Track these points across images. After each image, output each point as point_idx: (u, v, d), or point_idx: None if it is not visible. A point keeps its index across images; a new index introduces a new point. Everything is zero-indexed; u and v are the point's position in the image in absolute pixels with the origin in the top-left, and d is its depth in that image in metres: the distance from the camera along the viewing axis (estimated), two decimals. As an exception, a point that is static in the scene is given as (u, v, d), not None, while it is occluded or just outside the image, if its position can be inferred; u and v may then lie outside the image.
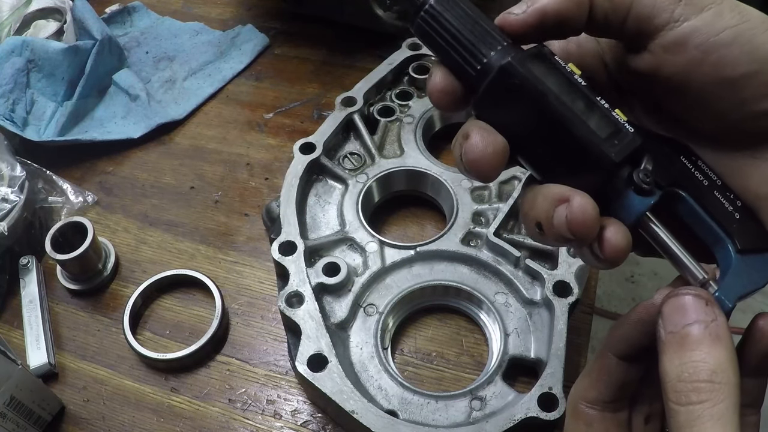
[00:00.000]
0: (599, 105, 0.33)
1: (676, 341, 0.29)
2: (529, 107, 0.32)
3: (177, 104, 0.96)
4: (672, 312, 0.30)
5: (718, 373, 0.28)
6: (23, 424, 0.59)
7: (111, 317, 0.72)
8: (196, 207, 0.83)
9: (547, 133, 0.33)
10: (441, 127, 0.84)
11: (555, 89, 0.32)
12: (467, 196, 0.72)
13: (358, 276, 0.66)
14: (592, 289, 0.71)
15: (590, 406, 0.35)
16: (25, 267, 0.74)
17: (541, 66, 0.33)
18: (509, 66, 0.32)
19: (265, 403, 0.64)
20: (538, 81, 0.32)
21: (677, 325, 0.30)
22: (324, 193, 0.75)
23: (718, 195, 0.35)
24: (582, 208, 0.30)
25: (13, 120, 0.85)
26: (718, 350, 0.28)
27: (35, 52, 0.88)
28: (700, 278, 0.33)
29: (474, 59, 0.33)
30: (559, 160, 0.33)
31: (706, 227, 0.34)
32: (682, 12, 0.31)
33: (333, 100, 0.81)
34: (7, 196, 0.74)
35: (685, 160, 0.35)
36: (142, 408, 0.64)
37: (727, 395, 0.27)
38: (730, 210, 0.34)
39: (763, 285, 0.33)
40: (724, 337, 0.29)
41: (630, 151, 0.32)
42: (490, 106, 0.34)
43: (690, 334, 0.29)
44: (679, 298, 0.30)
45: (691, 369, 0.28)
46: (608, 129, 0.32)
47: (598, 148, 0.32)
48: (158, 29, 1.10)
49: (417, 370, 0.65)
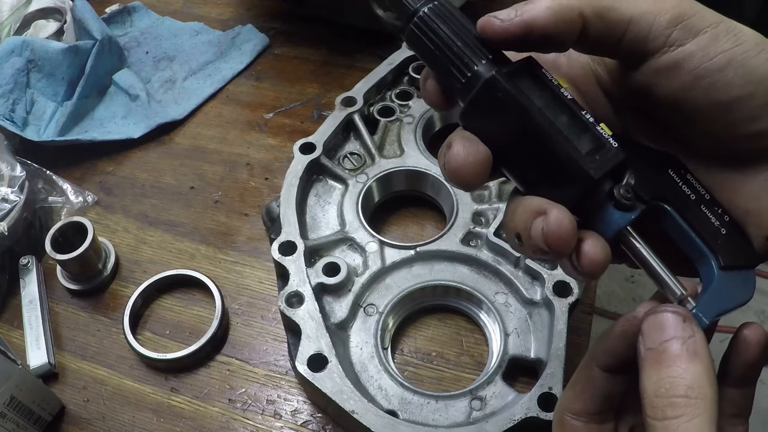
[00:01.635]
0: (583, 119, 0.33)
1: (654, 357, 0.30)
2: (512, 121, 0.33)
3: (177, 104, 0.96)
4: (651, 329, 0.30)
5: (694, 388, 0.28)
6: (23, 424, 0.59)
7: (111, 317, 0.72)
8: (196, 207, 0.83)
9: (528, 146, 0.33)
10: (441, 127, 0.84)
11: (538, 104, 0.32)
12: (467, 196, 0.72)
13: (358, 276, 0.66)
14: (592, 289, 0.71)
15: (576, 418, 0.36)
16: (25, 267, 0.74)
17: (526, 80, 0.33)
18: (493, 80, 0.32)
19: (265, 403, 0.64)
20: (521, 96, 0.32)
21: (655, 341, 0.30)
22: (324, 193, 0.75)
23: (705, 210, 0.35)
24: (558, 222, 0.31)
25: (13, 120, 0.85)
26: (695, 366, 0.29)
27: (35, 52, 0.88)
28: (678, 294, 0.33)
29: (461, 70, 0.33)
30: (540, 174, 0.33)
31: (690, 242, 0.34)
32: (677, 37, 0.31)
33: (333, 100, 0.81)
34: (7, 196, 0.74)
35: (674, 174, 0.35)
36: (142, 408, 0.64)
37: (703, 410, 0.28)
38: (716, 225, 0.34)
39: (744, 302, 0.33)
40: (701, 353, 0.29)
41: (611, 166, 0.32)
42: (475, 117, 0.34)
43: (667, 351, 0.29)
44: (658, 315, 0.31)
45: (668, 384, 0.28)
46: (591, 144, 0.33)
47: (577, 164, 0.32)
48: (158, 29, 1.10)
49: (417, 370, 0.65)
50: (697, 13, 0.32)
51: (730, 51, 0.31)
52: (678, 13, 0.31)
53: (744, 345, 0.33)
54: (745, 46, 0.31)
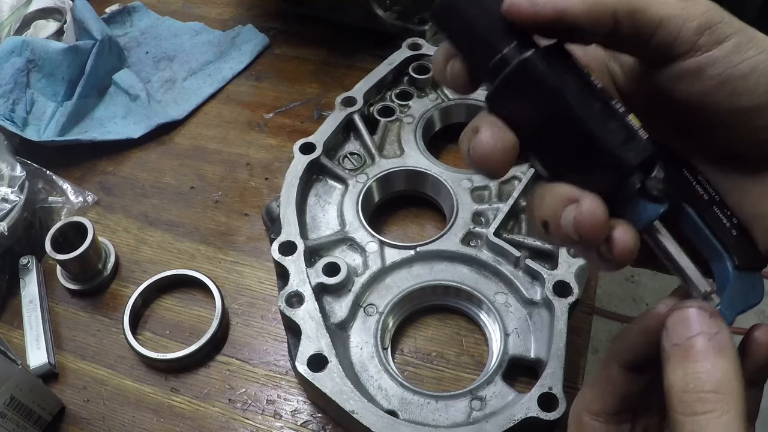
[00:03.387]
0: (615, 109, 0.32)
1: (681, 353, 0.29)
2: (546, 105, 0.32)
3: (177, 104, 0.96)
4: (676, 324, 0.30)
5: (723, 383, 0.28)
6: (23, 424, 0.59)
7: (111, 317, 0.72)
8: (196, 207, 0.83)
9: (562, 132, 0.32)
10: (441, 127, 0.84)
11: (574, 89, 0.31)
12: (467, 196, 0.72)
13: (358, 276, 0.66)
14: (592, 289, 0.71)
15: (594, 418, 0.36)
16: (25, 267, 0.74)
17: (561, 64, 0.32)
18: (529, 61, 0.31)
19: (265, 403, 0.64)
20: (558, 79, 0.31)
21: (681, 337, 0.30)
22: (324, 193, 0.75)
23: (717, 210, 0.35)
24: (591, 211, 0.30)
25: (13, 120, 0.85)
26: (723, 361, 0.29)
27: (35, 52, 0.88)
28: (703, 291, 0.33)
29: (490, 50, 0.32)
30: (573, 160, 0.32)
31: (707, 242, 0.34)
32: (703, 42, 0.31)
33: (333, 100, 0.80)
34: (7, 196, 0.74)
35: (688, 173, 0.35)
36: (142, 408, 0.64)
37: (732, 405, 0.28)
38: (728, 226, 0.34)
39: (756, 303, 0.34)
40: (728, 348, 0.29)
41: (644, 157, 0.32)
42: (503, 100, 0.33)
43: (694, 346, 0.29)
44: (683, 311, 0.30)
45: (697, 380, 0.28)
46: (623, 133, 0.32)
47: (614, 151, 0.31)
48: (158, 29, 1.10)
49: (417, 370, 0.65)
50: (724, 20, 0.32)
51: (753, 59, 0.31)
52: (706, 19, 0.31)
53: (756, 347, 0.33)
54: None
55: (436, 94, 0.85)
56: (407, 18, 0.98)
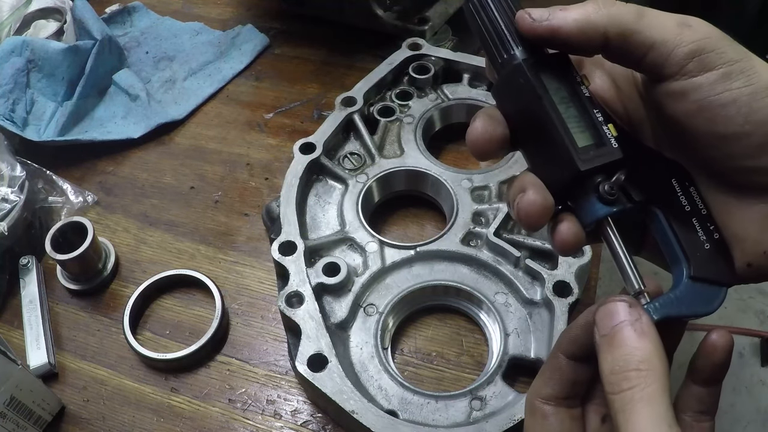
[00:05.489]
0: (592, 116, 0.36)
1: (608, 342, 0.33)
2: (527, 105, 0.36)
3: (177, 104, 0.96)
4: (602, 318, 0.34)
5: (644, 362, 0.31)
6: (23, 424, 0.59)
7: (111, 317, 0.72)
8: (196, 207, 0.83)
9: (536, 131, 0.37)
10: (441, 127, 0.84)
11: (552, 95, 0.36)
12: (467, 196, 0.72)
13: (358, 276, 0.66)
14: (592, 289, 0.71)
15: (545, 402, 0.38)
16: (25, 267, 0.74)
17: (549, 72, 0.36)
18: (519, 66, 0.37)
19: (265, 403, 0.64)
20: (539, 85, 0.36)
21: (608, 327, 0.33)
22: (324, 193, 0.75)
23: (696, 222, 0.37)
24: (531, 201, 0.35)
25: (13, 120, 0.85)
26: (644, 343, 0.32)
27: (35, 52, 0.88)
28: (636, 288, 0.36)
29: (500, 51, 0.38)
30: (542, 156, 0.37)
31: (669, 246, 0.37)
32: (691, 68, 0.33)
33: (333, 100, 0.81)
34: (7, 196, 0.74)
35: (676, 183, 0.37)
36: (142, 408, 0.64)
37: (654, 380, 0.30)
38: (702, 239, 0.37)
39: (703, 314, 0.36)
40: (648, 332, 0.32)
41: (602, 163, 0.35)
42: (501, 94, 0.39)
43: (618, 333, 0.32)
44: (608, 305, 0.34)
45: (622, 362, 0.32)
46: (592, 140, 0.35)
47: (569, 155, 0.35)
48: (158, 29, 1.10)
49: (417, 370, 0.65)
50: (717, 49, 0.33)
51: (736, 90, 0.33)
52: (698, 47, 0.33)
53: (712, 348, 0.36)
54: (754, 87, 0.33)
55: (436, 94, 0.85)
56: (407, 18, 0.98)
